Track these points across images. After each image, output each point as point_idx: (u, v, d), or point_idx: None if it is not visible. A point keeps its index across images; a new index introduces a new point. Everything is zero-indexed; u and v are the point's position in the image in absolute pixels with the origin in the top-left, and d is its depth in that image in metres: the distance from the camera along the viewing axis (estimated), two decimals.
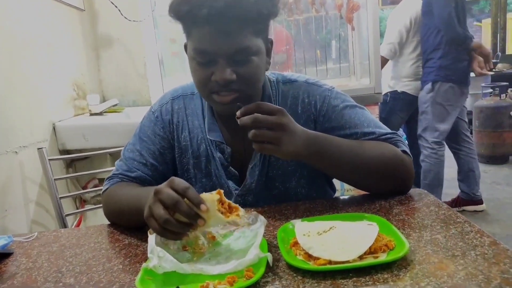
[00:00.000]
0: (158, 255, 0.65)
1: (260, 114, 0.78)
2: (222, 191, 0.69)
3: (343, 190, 2.38)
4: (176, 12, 0.85)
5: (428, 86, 2.73)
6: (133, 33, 2.36)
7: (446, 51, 2.68)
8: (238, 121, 0.80)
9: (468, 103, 4.36)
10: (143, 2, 2.37)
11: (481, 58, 2.68)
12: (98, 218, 2.00)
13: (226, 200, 0.70)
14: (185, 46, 0.94)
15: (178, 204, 0.67)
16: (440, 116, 2.71)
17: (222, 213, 0.68)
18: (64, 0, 2.04)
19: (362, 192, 0.97)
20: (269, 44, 0.93)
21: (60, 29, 2.01)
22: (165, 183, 0.70)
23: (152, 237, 0.70)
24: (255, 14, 0.82)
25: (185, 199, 0.68)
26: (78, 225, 1.84)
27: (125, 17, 2.20)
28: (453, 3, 2.58)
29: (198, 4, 0.80)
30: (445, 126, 2.72)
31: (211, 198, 0.68)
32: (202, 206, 0.66)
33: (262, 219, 0.73)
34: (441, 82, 2.69)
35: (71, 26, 2.14)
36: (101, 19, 2.35)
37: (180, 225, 0.67)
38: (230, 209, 0.69)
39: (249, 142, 0.90)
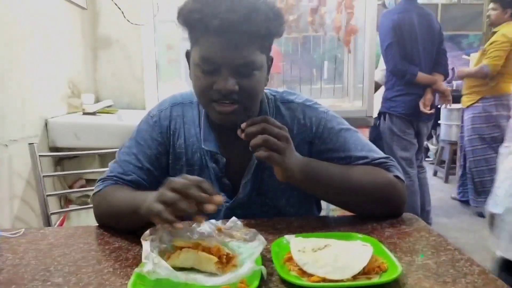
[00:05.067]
0: (153, 261, 0.65)
1: (268, 125, 0.80)
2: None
3: (329, 210, 2.40)
4: (186, 19, 0.86)
5: (381, 116, 2.80)
6: (133, 36, 2.37)
7: (393, 83, 2.72)
8: (244, 132, 0.80)
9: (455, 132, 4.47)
10: (146, 6, 2.38)
11: (429, 96, 2.66)
12: (81, 218, 1.97)
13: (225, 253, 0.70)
14: (187, 53, 0.94)
15: (191, 189, 0.69)
16: (399, 145, 2.73)
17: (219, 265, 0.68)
18: None
19: (349, 212, 0.98)
20: (270, 61, 0.95)
21: (60, 25, 2.00)
22: (178, 176, 0.73)
23: (147, 243, 0.70)
24: (264, 31, 0.84)
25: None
26: (61, 224, 1.80)
27: (128, 20, 2.21)
28: (395, 37, 2.58)
29: (210, 15, 0.81)
30: (406, 154, 2.74)
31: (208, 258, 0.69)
32: (218, 197, 0.69)
33: (261, 239, 0.73)
34: (388, 113, 2.74)
35: (71, 23, 2.13)
36: (102, 19, 2.35)
37: (188, 205, 0.69)
38: (228, 259, 0.69)
39: (245, 154, 0.91)
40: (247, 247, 0.74)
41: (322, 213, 1.13)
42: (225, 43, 0.82)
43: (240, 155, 0.96)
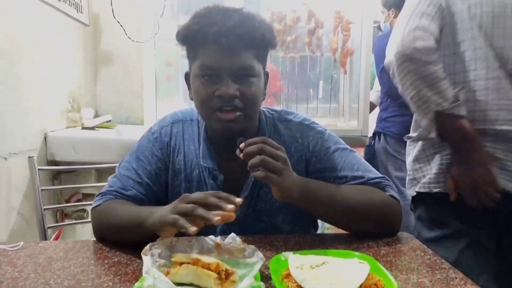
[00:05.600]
0: (154, 276, 0.66)
1: (266, 145, 0.82)
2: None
3: (324, 228, 2.40)
4: (185, 34, 0.91)
5: (376, 136, 2.81)
6: (133, 53, 2.41)
7: (387, 104, 2.73)
8: (242, 152, 0.82)
9: None
10: (147, 24, 2.42)
11: None
12: (76, 233, 1.96)
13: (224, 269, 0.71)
14: (186, 76, 0.99)
15: (209, 197, 0.73)
16: (393, 165, 2.76)
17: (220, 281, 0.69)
18: (71, 14, 2.08)
19: (343, 231, 0.99)
20: (266, 76, 0.99)
21: (63, 41, 2.04)
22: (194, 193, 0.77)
23: (147, 258, 0.71)
24: (259, 37, 0.90)
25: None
26: (56, 238, 1.79)
27: (129, 37, 2.25)
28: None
29: (208, 23, 0.87)
30: (400, 174, 2.75)
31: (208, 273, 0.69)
32: (238, 200, 0.72)
33: (260, 255, 0.74)
34: (383, 133, 2.76)
35: (74, 39, 2.17)
36: (104, 36, 2.39)
37: (206, 211, 0.71)
38: (227, 275, 0.70)
39: (242, 171, 0.93)
40: (246, 263, 0.75)
41: (318, 231, 1.14)
42: (223, 49, 0.87)
43: (237, 172, 0.98)
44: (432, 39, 1.08)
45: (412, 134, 1.22)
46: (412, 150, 1.27)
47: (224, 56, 0.87)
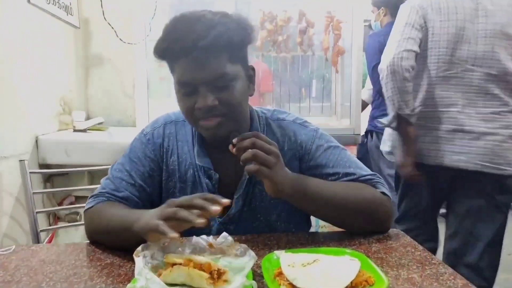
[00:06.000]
0: (146, 277, 0.66)
1: (258, 140, 0.82)
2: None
3: (318, 226, 2.41)
4: (158, 51, 0.91)
5: (369, 134, 2.83)
6: (125, 55, 2.40)
7: (379, 103, 2.73)
8: (235, 147, 0.83)
9: None
10: (138, 26, 2.42)
11: None
12: (70, 235, 1.95)
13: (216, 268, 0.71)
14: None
15: (194, 199, 0.73)
16: (386, 163, 2.75)
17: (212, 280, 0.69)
18: (61, 17, 2.07)
19: (337, 228, 1.00)
20: (250, 70, 0.97)
21: (53, 44, 2.03)
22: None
23: (139, 259, 0.71)
24: (225, 42, 0.86)
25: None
26: (49, 241, 1.78)
27: (121, 39, 2.24)
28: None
29: (174, 39, 0.86)
30: (392, 171, 2.76)
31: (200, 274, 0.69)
32: (225, 201, 0.73)
33: (252, 254, 0.75)
34: (375, 132, 2.77)
35: (64, 42, 2.16)
36: (94, 38, 2.38)
37: (189, 213, 0.72)
38: (219, 274, 0.70)
39: (237, 170, 0.93)
40: (238, 262, 0.75)
41: (311, 230, 1.15)
42: (193, 62, 0.86)
43: (231, 171, 0.99)
44: (414, 58, 1.56)
45: (383, 120, 1.72)
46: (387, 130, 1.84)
47: (195, 70, 0.87)
